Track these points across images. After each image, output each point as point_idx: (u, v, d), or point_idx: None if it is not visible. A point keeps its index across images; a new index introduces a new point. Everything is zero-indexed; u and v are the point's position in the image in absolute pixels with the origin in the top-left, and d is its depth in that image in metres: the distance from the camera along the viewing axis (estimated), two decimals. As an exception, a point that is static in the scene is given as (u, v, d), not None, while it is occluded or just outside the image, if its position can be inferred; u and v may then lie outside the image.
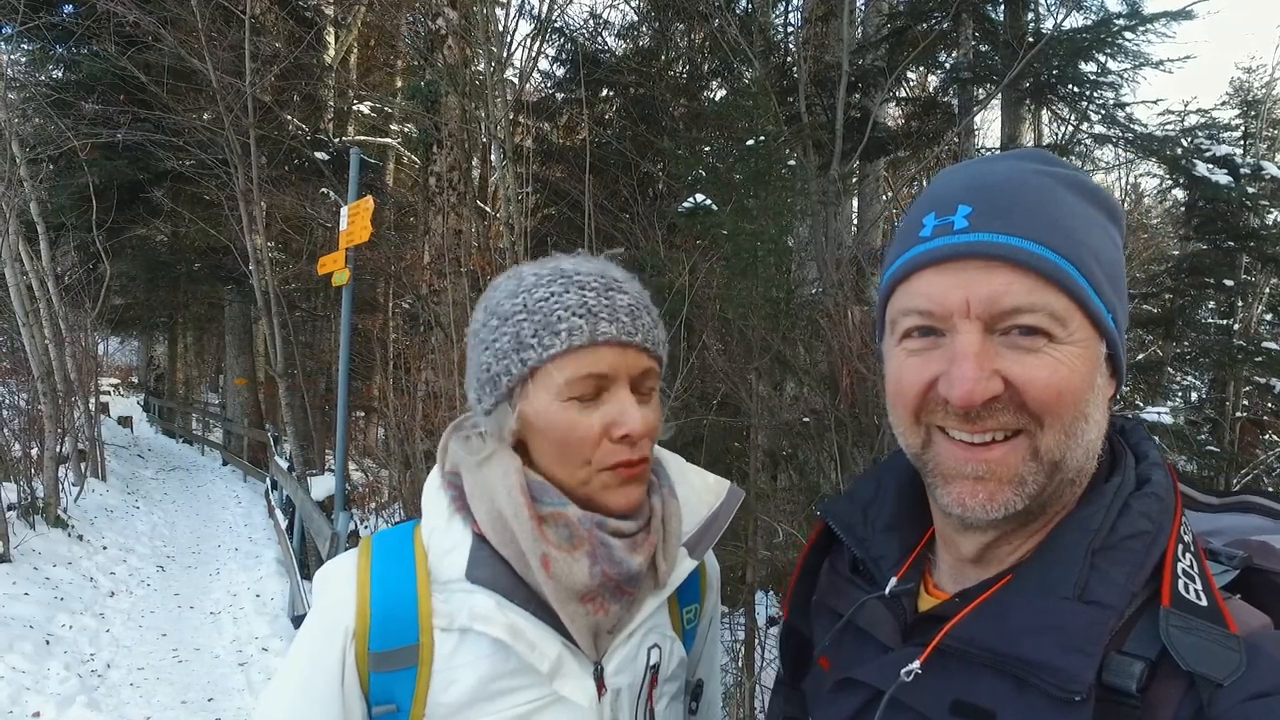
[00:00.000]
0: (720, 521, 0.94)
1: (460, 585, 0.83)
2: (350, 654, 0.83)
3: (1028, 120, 7.82)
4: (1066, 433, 0.60)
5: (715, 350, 4.53)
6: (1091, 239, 0.61)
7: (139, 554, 7.83)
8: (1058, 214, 0.61)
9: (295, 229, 11.34)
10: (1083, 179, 0.64)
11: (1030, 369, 0.59)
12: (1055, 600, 0.58)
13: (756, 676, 4.08)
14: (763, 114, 4.73)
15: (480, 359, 0.85)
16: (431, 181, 8.38)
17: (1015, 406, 0.59)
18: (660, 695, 0.90)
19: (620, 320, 0.81)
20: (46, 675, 4.76)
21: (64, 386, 9.19)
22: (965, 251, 0.60)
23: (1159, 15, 5.91)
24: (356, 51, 14.03)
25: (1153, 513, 0.60)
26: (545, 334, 0.80)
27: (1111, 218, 0.64)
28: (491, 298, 0.87)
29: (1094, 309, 0.60)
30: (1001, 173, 0.64)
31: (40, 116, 9.96)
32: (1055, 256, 0.59)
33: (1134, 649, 0.57)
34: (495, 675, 0.81)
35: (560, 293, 0.81)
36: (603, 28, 9.42)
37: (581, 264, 0.86)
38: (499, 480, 0.82)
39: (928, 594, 0.71)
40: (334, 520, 4.83)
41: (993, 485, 0.61)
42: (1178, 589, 0.57)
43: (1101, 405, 0.62)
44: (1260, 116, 10.03)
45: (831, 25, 6.78)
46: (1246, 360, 7.74)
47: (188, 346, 22.70)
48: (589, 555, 0.80)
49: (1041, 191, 0.62)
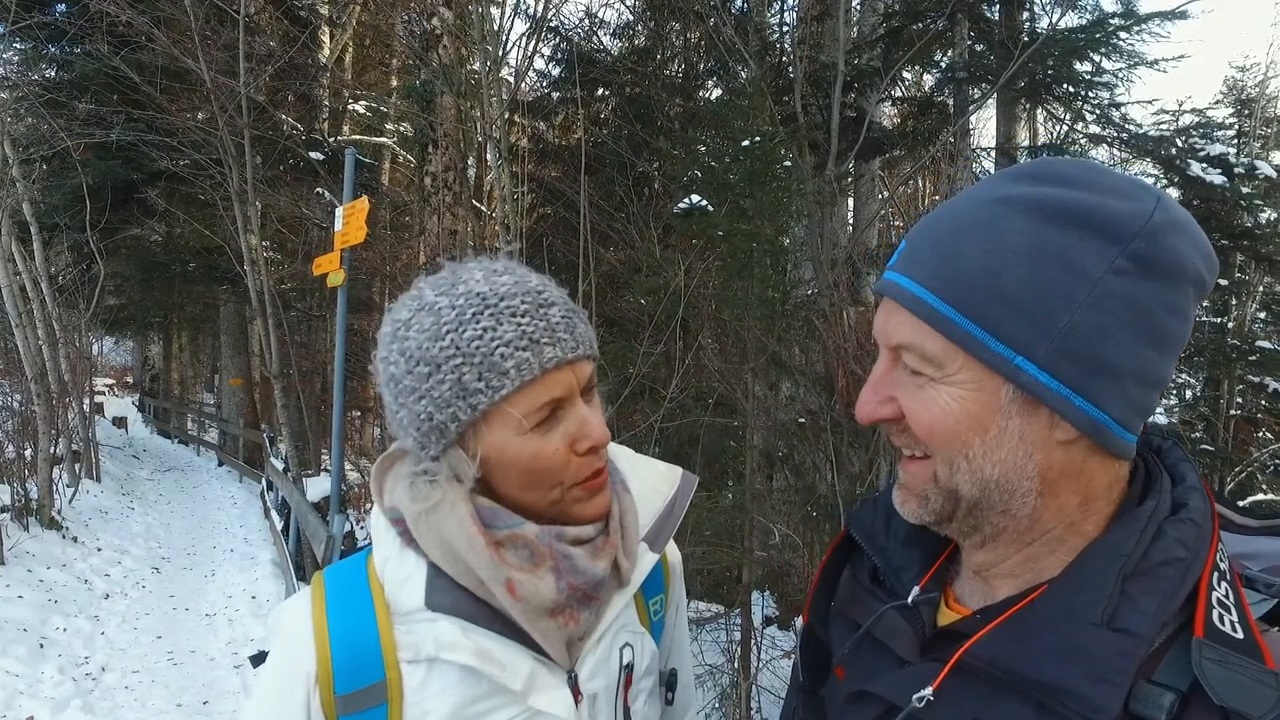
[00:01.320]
0: (677, 511, 0.93)
1: (421, 614, 0.80)
2: (315, 700, 0.80)
3: (1023, 120, 7.84)
4: (949, 466, 0.62)
5: (711, 350, 4.53)
6: (1018, 274, 0.57)
7: (134, 556, 7.81)
8: (973, 253, 0.59)
9: (290, 229, 11.31)
10: (1055, 201, 0.58)
11: (909, 402, 0.63)
12: (1083, 625, 0.57)
13: (753, 677, 4.08)
14: (758, 114, 4.73)
15: (415, 408, 0.79)
16: (427, 181, 8.38)
17: (910, 432, 0.64)
18: (636, 693, 0.89)
19: (561, 340, 0.78)
20: (41, 678, 4.74)
21: (58, 387, 9.16)
22: (880, 289, 0.66)
23: (1153, 15, 5.94)
24: (351, 51, 14.00)
25: (1188, 539, 0.59)
26: (491, 375, 0.76)
27: (1094, 239, 0.57)
28: (408, 340, 0.79)
29: (984, 353, 0.58)
30: (957, 205, 0.64)
31: (33, 116, 9.90)
32: (934, 299, 0.60)
33: (1164, 679, 0.55)
34: (468, 701, 0.80)
35: (493, 327, 0.76)
36: (598, 27, 9.41)
37: (495, 280, 0.79)
38: (448, 514, 0.79)
39: (948, 608, 0.70)
40: (330, 522, 4.82)
41: (905, 493, 0.67)
42: (1212, 619, 0.55)
43: (1009, 445, 0.60)
44: (1254, 115, 10.07)
45: (827, 25, 6.77)
46: (1240, 359, 7.78)
47: (183, 347, 22.63)
48: (553, 570, 0.79)
49: (975, 226, 0.60)
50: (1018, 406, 0.59)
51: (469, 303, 0.77)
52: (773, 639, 4.70)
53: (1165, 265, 0.57)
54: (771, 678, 4.26)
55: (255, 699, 0.85)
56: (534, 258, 6.18)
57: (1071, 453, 0.60)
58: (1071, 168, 0.61)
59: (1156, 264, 0.57)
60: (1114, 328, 0.57)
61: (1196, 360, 8.27)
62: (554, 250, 6.94)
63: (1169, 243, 0.57)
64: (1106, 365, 0.57)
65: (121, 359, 31.15)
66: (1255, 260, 7.84)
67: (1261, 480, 8.26)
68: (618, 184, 6.98)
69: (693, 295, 4.53)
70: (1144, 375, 0.58)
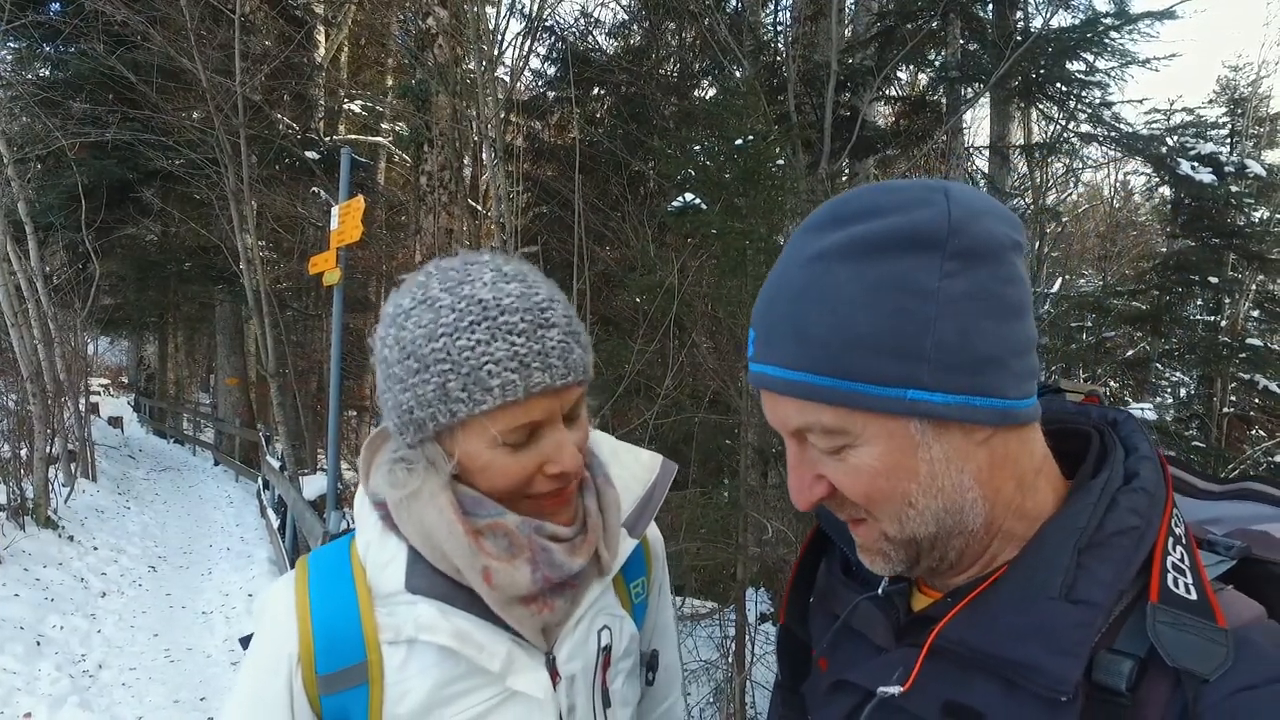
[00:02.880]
0: (656, 497, 0.95)
1: (402, 597, 0.82)
2: (297, 681, 0.82)
3: (1016, 119, 7.88)
4: (897, 520, 0.62)
5: (705, 348, 4.55)
6: (866, 319, 0.58)
7: (130, 554, 7.81)
8: (812, 318, 0.59)
9: (286, 228, 11.31)
10: (861, 236, 0.59)
11: (838, 475, 0.62)
12: (1043, 600, 0.58)
13: (747, 672, 4.11)
14: (752, 113, 4.75)
15: (399, 397, 0.79)
16: (423, 181, 8.39)
17: (849, 502, 0.63)
18: (615, 674, 0.91)
19: (553, 366, 0.77)
20: (38, 676, 4.74)
21: (53, 387, 9.14)
22: (753, 382, 0.66)
23: (1144, 15, 5.97)
24: (347, 50, 14.00)
25: (1141, 507, 0.60)
26: (475, 389, 0.75)
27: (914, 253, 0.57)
28: (405, 331, 0.78)
29: (879, 404, 0.58)
30: (782, 276, 0.63)
31: (28, 115, 9.88)
32: (810, 377, 0.59)
33: (1124, 646, 0.56)
34: (448, 680, 0.82)
35: (486, 341, 0.75)
36: (593, 26, 9.43)
37: (501, 288, 0.78)
38: (428, 502, 0.80)
39: (920, 593, 0.71)
40: (326, 519, 4.83)
41: (869, 554, 0.67)
42: (1166, 584, 0.57)
43: (942, 472, 0.60)
44: (1246, 114, 10.11)
45: (821, 24, 6.80)
46: (1232, 357, 7.82)
47: (178, 346, 22.61)
48: (529, 562, 0.81)
49: (808, 289, 0.60)
50: (931, 434, 0.59)
51: (469, 309, 0.76)
52: (767, 634, 4.72)
53: (983, 249, 0.58)
54: (766, 673, 4.29)
55: (240, 679, 0.87)
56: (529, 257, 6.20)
57: (993, 447, 0.61)
58: (861, 200, 0.61)
59: (976, 252, 0.58)
60: (972, 324, 0.57)
61: (1189, 358, 8.32)
62: (549, 249, 6.96)
63: (976, 228, 0.58)
64: (984, 359, 0.58)
65: (117, 359, 31.07)
66: (1247, 259, 7.89)
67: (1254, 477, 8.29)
68: (613, 183, 7.02)
69: (687, 293, 4.55)
70: (1016, 347, 0.59)
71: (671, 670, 1.08)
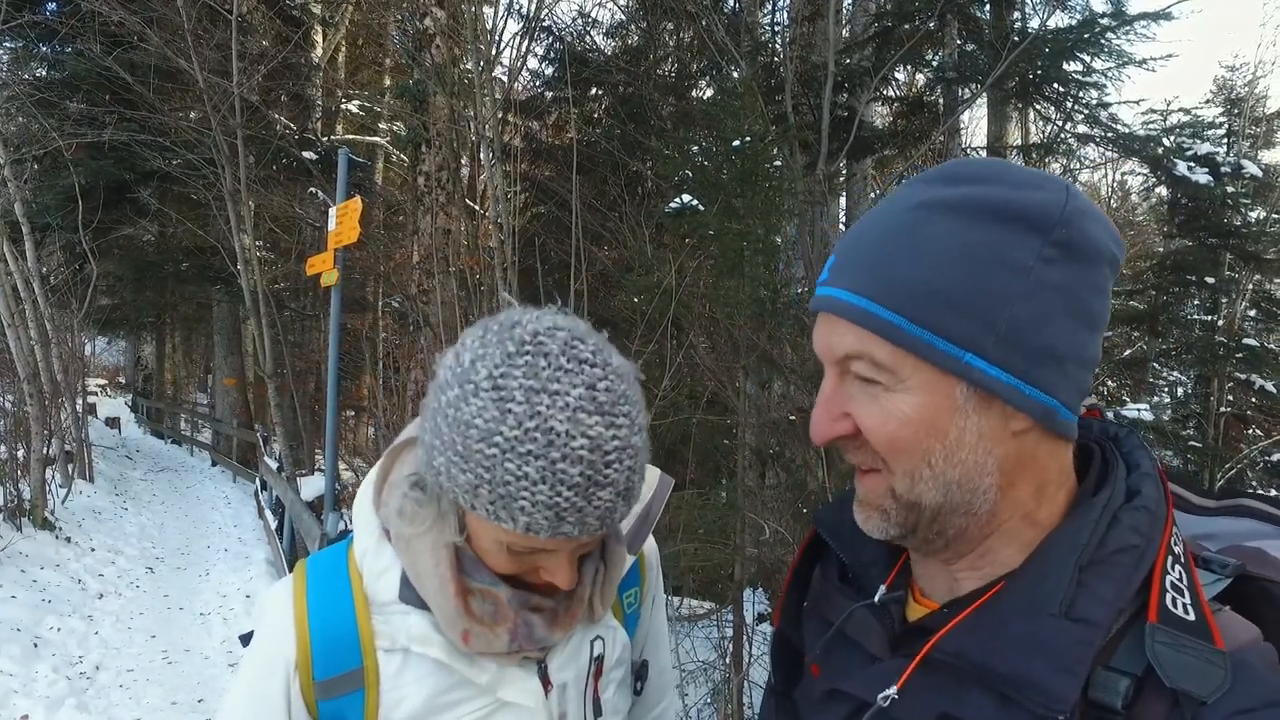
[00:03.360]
0: (654, 513, 0.95)
1: (396, 606, 0.83)
2: (295, 686, 0.83)
3: (1013, 119, 7.89)
4: (910, 477, 0.62)
5: (703, 349, 4.56)
6: (952, 275, 0.58)
7: (128, 555, 7.80)
8: (904, 258, 0.60)
9: (283, 228, 11.30)
10: (975, 198, 0.60)
11: (866, 416, 0.62)
12: (1043, 617, 0.58)
13: (744, 673, 4.11)
14: (750, 114, 4.75)
15: (434, 446, 0.75)
16: (420, 181, 8.37)
17: (868, 447, 0.63)
18: (607, 684, 0.91)
19: (588, 524, 0.73)
20: (35, 678, 4.74)
21: (50, 388, 9.13)
22: (814, 305, 0.66)
23: (1141, 16, 5.98)
24: (344, 50, 13.98)
25: (1142, 526, 0.60)
26: (503, 511, 0.71)
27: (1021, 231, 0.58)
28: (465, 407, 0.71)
29: (934, 355, 0.59)
30: (879, 215, 0.64)
31: (24, 115, 9.87)
32: (877, 308, 0.60)
33: (1120, 664, 0.57)
34: (440, 690, 0.83)
35: (534, 480, 0.69)
36: (591, 26, 9.43)
37: (578, 427, 0.69)
38: (427, 553, 0.80)
39: (916, 602, 0.71)
40: (324, 520, 4.83)
41: (867, 509, 0.67)
42: (1165, 603, 0.57)
43: (969, 444, 0.60)
44: (1243, 114, 10.12)
45: (818, 25, 6.81)
46: (1229, 357, 7.83)
47: (176, 347, 22.57)
48: (509, 631, 0.81)
49: (902, 232, 0.61)
50: (973, 404, 0.60)
51: (536, 432, 0.69)
52: (764, 635, 4.72)
53: (1085, 249, 0.59)
54: (763, 673, 4.27)
55: (237, 683, 0.87)
56: (527, 257, 6.19)
57: (1025, 442, 0.61)
58: (982, 166, 0.63)
59: (1077, 248, 0.59)
60: (1052, 314, 0.58)
61: (1186, 358, 8.33)
62: (547, 249, 6.96)
63: (1085, 227, 0.59)
64: (1050, 352, 0.59)
65: (114, 359, 31.02)
66: (1243, 259, 7.90)
67: (1251, 477, 8.32)
68: (610, 183, 7.01)
69: (684, 294, 4.55)
70: (1081, 356, 0.60)
71: (663, 678, 1.08)
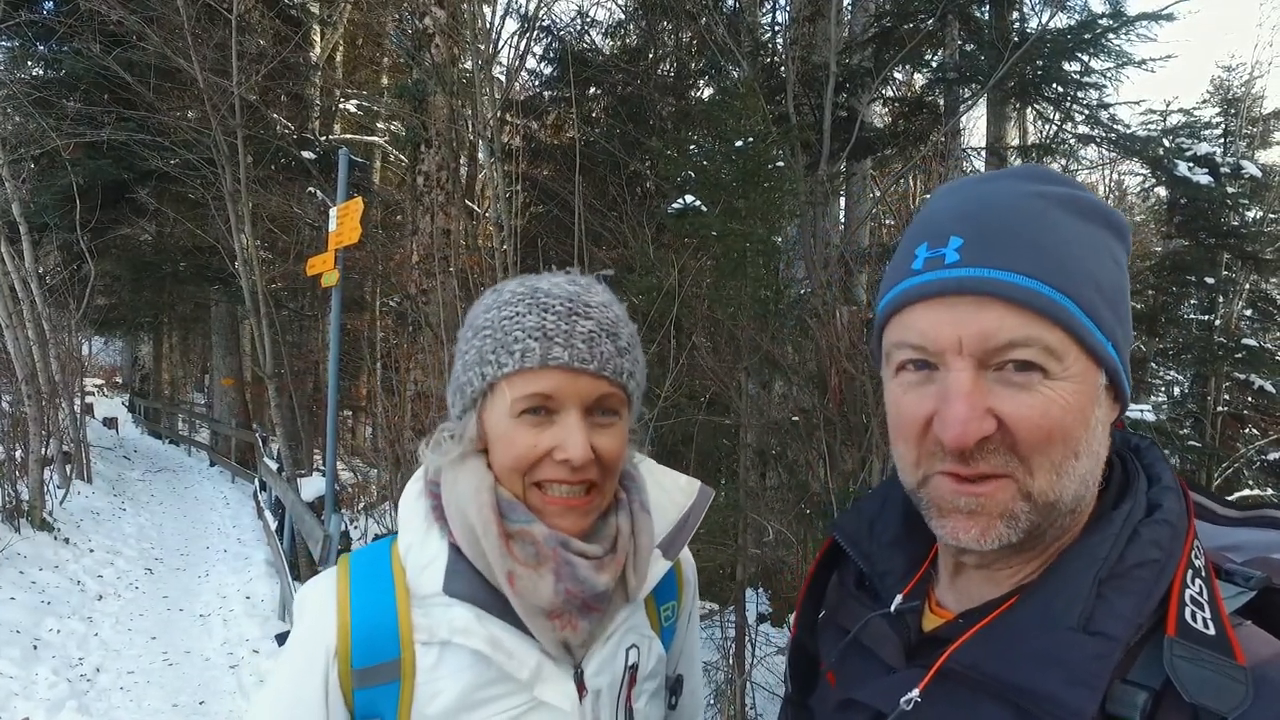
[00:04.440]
0: (692, 521, 0.97)
1: (439, 599, 0.84)
2: (334, 673, 0.84)
3: (1013, 120, 7.90)
4: (1057, 472, 0.59)
5: (705, 349, 4.55)
6: (1091, 264, 0.60)
7: (126, 556, 7.78)
8: (1053, 242, 0.59)
9: (282, 228, 11.28)
10: (1082, 197, 0.62)
11: (1022, 407, 0.58)
12: (1061, 630, 0.57)
13: (747, 674, 4.12)
14: (751, 114, 4.75)
15: (456, 370, 0.89)
16: (419, 181, 8.37)
17: (1006, 447, 0.59)
18: (640, 693, 0.92)
19: (575, 347, 0.82)
20: (35, 680, 4.72)
21: (48, 388, 9.11)
22: (955, 288, 0.59)
23: (1140, 16, 5.99)
24: (343, 49, 13.96)
25: (1163, 540, 0.59)
26: (502, 352, 0.82)
27: (1116, 234, 0.62)
28: (474, 310, 0.90)
29: (1093, 341, 0.59)
30: (995, 198, 0.62)
31: (22, 115, 9.83)
32: (1049, 290, 0.58)
33: (1138, 678, 0.56)
34: (477, 685, 0.83)
35: (523, 313, 0.83)
36: (590, 26, 9.42)
37: (558, 284, 0.86)
38: (471, 495, 0.84)
39: (932, 612, 0.71)
40: (326, 522, 4.82)
41: (985, 520, 0.61)
42: (1184, 617, 0.56)
43: (1099, 436, 0.61)
44: (1240, 114, 10.15)
45: (819, 25, 6.81)
46: (1227, 356, 7.86)
47: (173, 346, 22.51)
48: (553, 573, 0.82)
49: (1036, 217, 0.60)
50: (1104, 394, 0.61)
51: (523, 290, 0.86)
52: (766, 636, 4.73)
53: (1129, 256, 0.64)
54: (765, 674, 4.29)
55: (279, 668, 0.89)
56: (528, 257, 6.19)
57: (1106, 433, 0.62)
58: (1061, 175, 0.65)
59: (1128, 254, 0.63)
60: (1129, 316, 0.62)
61: (1184, 358, 8.36)
62: (548, 249, 6.96)
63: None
64: (1129, 348, 0.62)
65: (111, 359, 30.95)
66: (1241, 259, 7.93)
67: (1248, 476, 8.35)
68: (610, 183, 7.00)
69: (686, 294, 4.56)
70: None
71: (695, 697, 1.10)
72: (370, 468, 9.38)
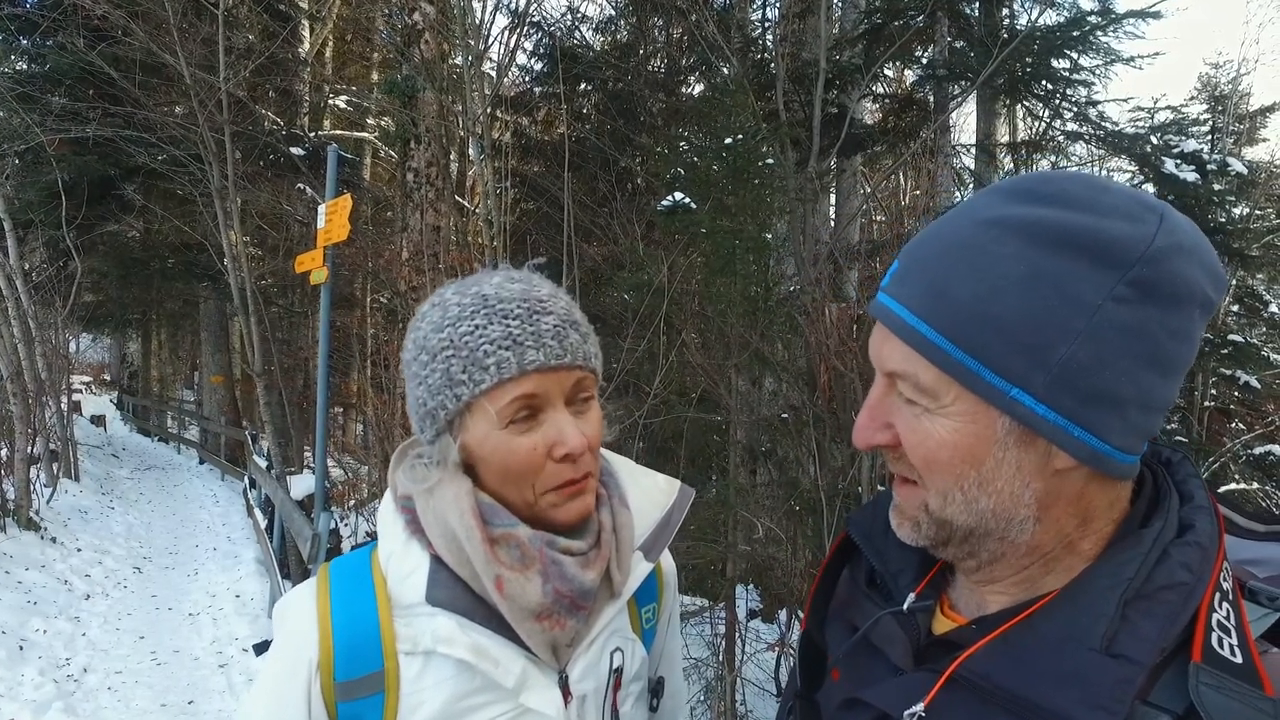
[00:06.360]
0: (673, 522, 0.96)
1: (421, 608, 0.83)
2: (315, 686, 0.83)
3: (1002, 116, 7.93)
4: (943, 497, 0.61)
5: (694, 346, 4.56)
6: (1009, 303, 0.55)
7: (115, 555, 7.73)
8: (965, 278, 0.57)
9: (271, 225, 11.20)
10: (1049, 223, 0.55)
11: (906, 431, 0.62)
12: (1082, 650, 0.56)
13: (737, 670, 4.13)
14: (741, 111, 4.75)
15: (416, 393, 0.86)
16: (409, 177, 8.33)
17: (907, 460, 0.62)
18: (625, 697, 0.92)
19: (546, 345, 0.82)
20: (21, 681, 4.69)
21: (34, 386, 9.03)
22: (875, 311, 0.64)
23: (1129, 14, 6.02)
24: (332, 45, 13.86)
25: (1193, 563, 0.57)
26: (474, 369, 0.81)
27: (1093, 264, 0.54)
28: (419, 330, 0.86)
29: (981, 386, 0.57)
30: (948, 224, 0.61)
31: (5, 110, 9.73)
32: (926, 329, 0.58)
33: (1160, 700, 0.54)
34: (462, 694, 0.83)
35: (483, 325, 0.82)
36: (580, 22, 9.39)
37: (504, 286, 0.85)
38: (451, 504, 0.83)
39: (943, 615, 0.70)
40: (315, 519, 4.80)
41: (900, 516, 0.67)
42: (1210, 643, 0.54)
43: (1006, 477, 0.59)
44: (1227, 111, 10.22)
45: (809, 22, 6.81)
46: (1214, 353, 7.91)
47: (162, 344, 22.36)
48: (541, 574, 0.82)
49: (958, 250, 0.58)
50: (1014, 438, 0.58)
51: (472, 302, 0.84)
52: (756, 632, 4.74)
53: (1169, 290, 0.54)
54: (755, 670, 4.30)
55: (259, 683, 0.88)
56: (517, 253, 6.18)
57: (1070, 479, 0.59)
58: (1073, 184, 0.58)
59: (1160, 289, 0.54)
60: (1114, 357, 0.54)
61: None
62: (537, 246, 6.94)
63: (1173, 266, 0.54)
64: (1106, 395, 0.55)
65: (99, 356, 30.73)
66: (1228, 255, 7.97)
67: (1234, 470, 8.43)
68: (600, 180, 7.00)
69: (676, 291, 4.55)
70: (1146, 401, 0.56)
71: (676, 698, 1.09)
72: (360, 465, 9.36)
